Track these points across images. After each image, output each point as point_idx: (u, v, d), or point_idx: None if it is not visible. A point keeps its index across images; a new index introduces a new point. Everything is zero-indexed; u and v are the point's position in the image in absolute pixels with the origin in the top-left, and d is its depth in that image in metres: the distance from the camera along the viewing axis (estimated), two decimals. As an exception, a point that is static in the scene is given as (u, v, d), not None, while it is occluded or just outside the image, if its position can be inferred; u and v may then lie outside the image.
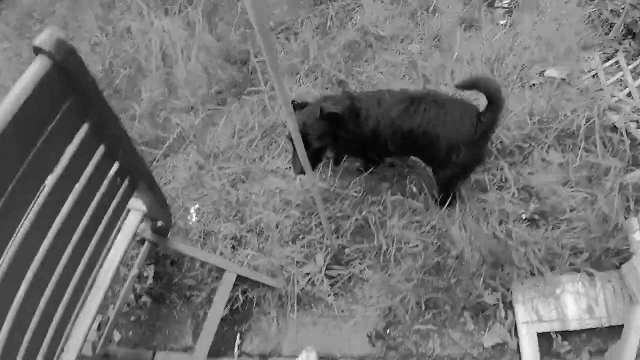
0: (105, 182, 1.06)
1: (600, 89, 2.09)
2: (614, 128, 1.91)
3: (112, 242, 1.43)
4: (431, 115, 1.56)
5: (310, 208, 1.89)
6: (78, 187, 0.96)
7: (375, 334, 1.69)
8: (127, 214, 1.47)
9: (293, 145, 1.65)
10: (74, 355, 1.32)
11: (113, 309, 1.73)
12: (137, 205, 1.46)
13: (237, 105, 2.25)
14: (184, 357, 1.82)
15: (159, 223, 1.50)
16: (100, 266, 1.38)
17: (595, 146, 1.86)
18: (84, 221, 1.01)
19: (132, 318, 1.95)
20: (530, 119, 1.92)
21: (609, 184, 1.73)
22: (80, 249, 1.05)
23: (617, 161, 1.80)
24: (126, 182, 1.13)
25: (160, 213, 1.43)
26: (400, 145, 1.65)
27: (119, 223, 1.44)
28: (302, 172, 1.63)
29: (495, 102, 1.46)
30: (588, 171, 1.82)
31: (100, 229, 1.09)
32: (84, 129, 0.92)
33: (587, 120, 1.90)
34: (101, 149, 1.00)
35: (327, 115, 1.57)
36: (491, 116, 1.50)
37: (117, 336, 1.93)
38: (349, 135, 1.65)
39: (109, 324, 1.66)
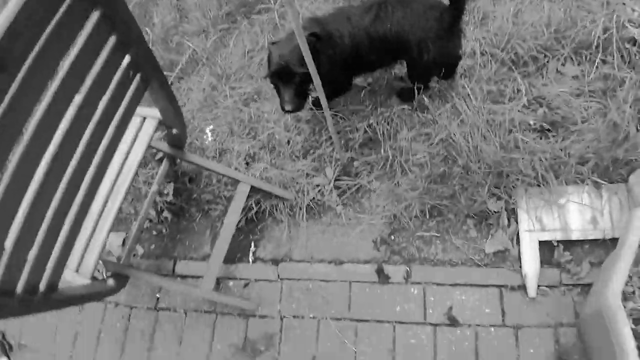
0: (118, 75, 1.10)
1: (623, 3, 1.98)
2: (633, 41, 1.83)
3: (131, 147, 1.52)
4: (399, 15, 1.56)
5: (321, 123, 1.93)
6: (90, 78, 0.99)
7: (380, 240, 1.78)
8: (142, 123, 1.55)
9: (276, 84, 1.62)
10: (93, 262, 1.42)
11: (135, 224, 1.85)
12: (151, 113, 1.54)
13: (247, 25, 2.25)
14: (203, 264, 1.97)
15: (174, 131, 1.56)
16: (119, 171, 1.48)
17: (613, 57, 1.79)
18: (96, 115, 1.04)
19: (154, 232, 2.10)
20: (546, 30, 1.86)
21: (622, 94, 1.69)
22: (92, 146, 1.07)
23: (633, 73, 1.74)
24: (138, 78, 1.17)
25: (174, 118, 1.49)
26: (379, 52, 1.65)
27: (135, 128, 1.53)
28: (297, 107, 1.63)
29: None
30: (603, 83, 1.77)
31: (114, 124, 1.13)
32: (95, 16, 0.96)
33: (605, 32, 1.82)
34: (112, 39, 1.04)
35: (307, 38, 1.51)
36: (452, 9, 1.52)
37: (140, 250, 2.09)
38: (330, 61, 1.61)
39: (131, 239, 1.78)
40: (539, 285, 1.62)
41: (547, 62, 1.86)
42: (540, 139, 1.72)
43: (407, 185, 1.76)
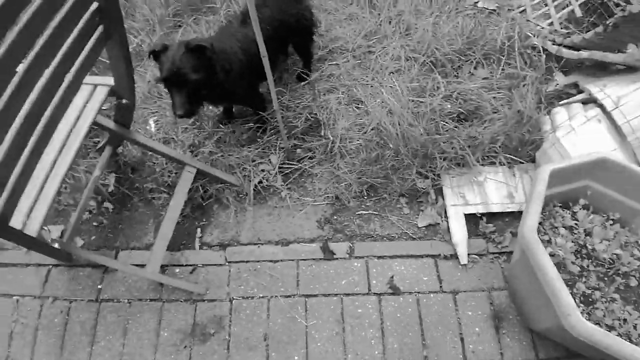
0: (83, 21, 1.12)
1: (527, 20, 2.36)
2: (532, 47, 2.19)
3: (80, 113, 1.51)
4: (268, 13, 1.81)
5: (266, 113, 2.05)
6: (55, 21, 1.01)
7: (324, 220, 1.90)
8: (93, 91, 1.56)
9: (169, 89, 1.59)
10: (37, 225, 1.35)
11: (75, 215, 1.78)
12: (103, 81, 1.55)
13: (193, 24, 2.34)
14: (146, 253, 1.93)
15: (124, 101, 1.57)
16: (67, 136, 1.46)
17: (516, 60, 2.13)
18: (54, 64, 1.06)
19: (94, 224, 2.03)
20: (460, 38, 2.17)
21: (524, 88, 2.01)
22: (46, 97, 1.08)
23: (532, 72, 2.08)
24: (101, 29, 1.20)
25: (127, 84, 1.51)
26: (271, 52, 1.66)
27: (85, 97, 1.53)
28: (189, 113, 1.58)
29: None
30: (509, 80, 2.08)
31: (69, 78, 1.14)
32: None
33: (509, 39, 2.16)
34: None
35: (194, 48, 1.52)
36: None
37: (79, 242, 2.00)
38: (227, 73, 1.65)
39: (70, 230, 1.71)
40: (469, 254, 1.80)
41: (462, 65, 2.16)
42: (457, 126, 1.97)
43: (345, 168, 1.91)
